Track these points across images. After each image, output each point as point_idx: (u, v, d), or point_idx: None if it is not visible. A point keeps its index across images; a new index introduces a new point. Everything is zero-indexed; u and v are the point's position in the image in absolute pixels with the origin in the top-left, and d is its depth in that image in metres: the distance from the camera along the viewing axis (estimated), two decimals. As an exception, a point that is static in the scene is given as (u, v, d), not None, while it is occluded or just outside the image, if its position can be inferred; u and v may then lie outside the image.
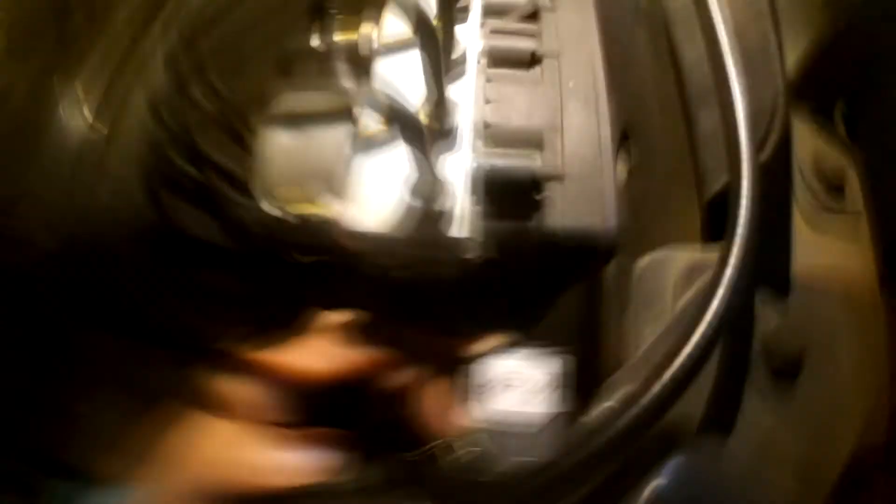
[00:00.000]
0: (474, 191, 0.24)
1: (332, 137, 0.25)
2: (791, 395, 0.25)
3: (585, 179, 0.24)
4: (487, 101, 0.25)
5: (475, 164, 0.24)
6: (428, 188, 0.23)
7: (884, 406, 0.29)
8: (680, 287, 0.23)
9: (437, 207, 0.24)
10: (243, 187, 0.28)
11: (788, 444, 0.25)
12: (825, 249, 0.29)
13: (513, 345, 0.28)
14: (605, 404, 0.21)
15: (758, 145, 0.21)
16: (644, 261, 0.24)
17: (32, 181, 0.28)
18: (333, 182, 0.25)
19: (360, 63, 0.27)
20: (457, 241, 0.24)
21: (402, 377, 0.27)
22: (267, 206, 0.26)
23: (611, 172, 0.25)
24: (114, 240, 0.29)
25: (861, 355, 0.28)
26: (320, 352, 0.27)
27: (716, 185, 0.26)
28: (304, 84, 0.27)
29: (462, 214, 0.24)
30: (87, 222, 0.28)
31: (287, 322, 0.29)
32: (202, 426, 0.25)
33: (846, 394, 0.27)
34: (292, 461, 0.25)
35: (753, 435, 0.24)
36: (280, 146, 0.26)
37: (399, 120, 0.23)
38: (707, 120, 0.28)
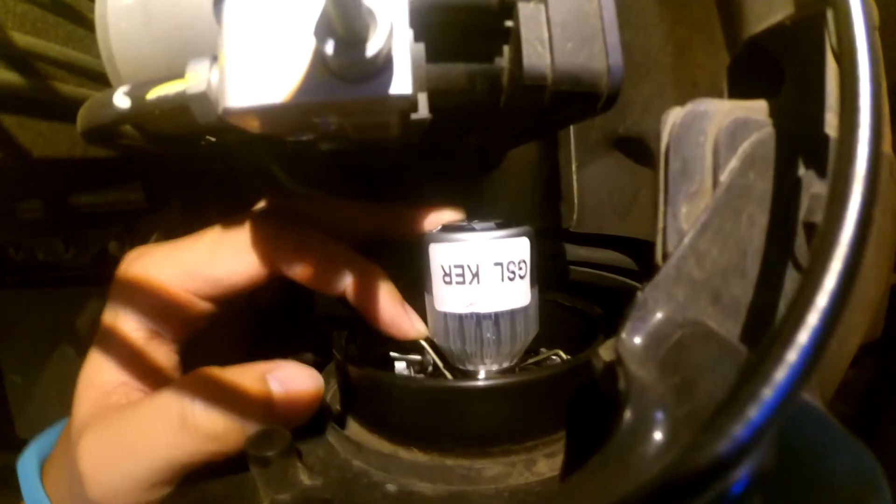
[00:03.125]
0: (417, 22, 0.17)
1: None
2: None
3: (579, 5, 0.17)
4: None
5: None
6: (347, 19, 0.15)
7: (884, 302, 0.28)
8: (723, 150, 0.16)
9: (362, 50, 0.16)
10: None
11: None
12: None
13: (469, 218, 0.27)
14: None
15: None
16: (675, 114, 0.17)
17: None
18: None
19: None
20: (394, 97, 0.16)
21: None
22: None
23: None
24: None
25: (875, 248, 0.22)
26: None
27: (757, 22, 0.19)
28: None
29: (400, 56, 0.16)
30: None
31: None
32: None
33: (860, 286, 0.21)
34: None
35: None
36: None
37: None
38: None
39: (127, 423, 0.23)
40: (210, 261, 0.26)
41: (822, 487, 0.12)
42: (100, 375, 0.25)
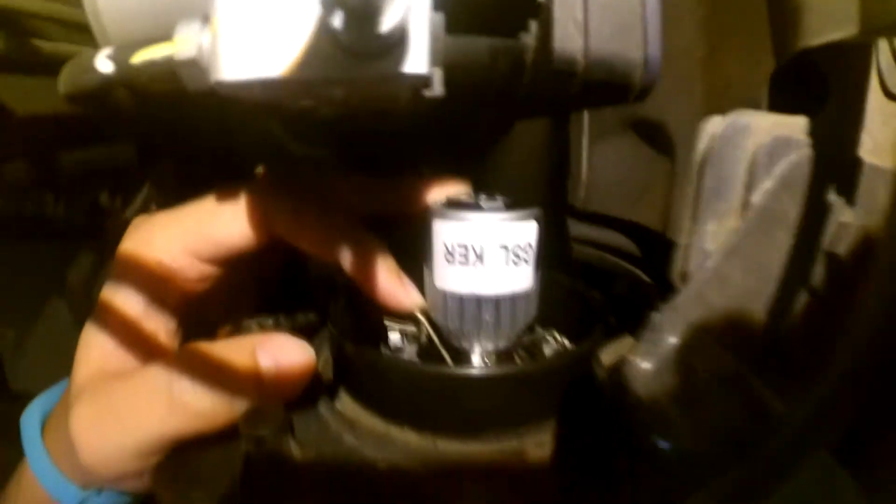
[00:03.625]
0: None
1: None
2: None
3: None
4: None
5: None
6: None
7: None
8: (760, 170, 0.15)
9: (375, 24, 0.14)
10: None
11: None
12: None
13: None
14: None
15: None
16: (714, 125, 0.15)
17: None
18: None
19: None
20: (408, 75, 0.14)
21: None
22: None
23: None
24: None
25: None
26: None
27: (814, 36, 0.17)
28: None
29: (418, 30, 0.14)
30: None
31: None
32: None
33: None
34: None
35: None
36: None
37: None
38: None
39: (118, 395, 0.23)
40: (210, 223, 0.26)
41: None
42: (99, 340, 0.25)
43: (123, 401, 0.23)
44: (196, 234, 0.26)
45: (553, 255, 0.31)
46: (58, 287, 0.47)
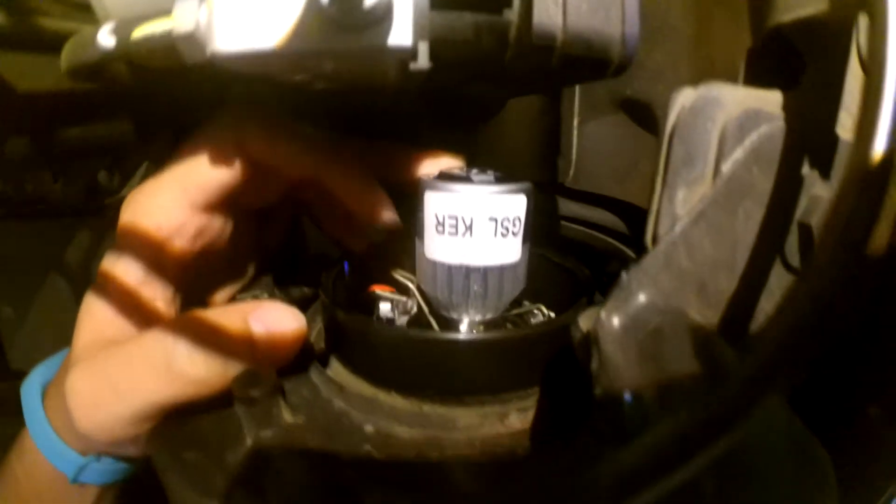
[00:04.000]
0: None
1: None
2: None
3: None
4: None
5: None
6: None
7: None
8: (729, 140, 0.16)
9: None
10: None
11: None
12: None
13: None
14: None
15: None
16: (686, 97, 0.16)
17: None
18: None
19: None
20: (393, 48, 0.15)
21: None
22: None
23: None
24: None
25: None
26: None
27: (786, 12, 0.18)
28: None
29: (402, 4, 0.15)
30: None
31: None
32: None
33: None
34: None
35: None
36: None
37: None
38: None
39: (113, 362, 0.23)
40: (194, 168, 0.26)
41: (769, 474, 0.13)
42: (99, 308, 0.26)
43: (118, 367, 0.23)
44: (184, 183, 0.26)
45: (543, 232, 0.32)
46: (57, 265, 0.47)
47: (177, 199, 0.26)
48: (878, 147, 0.12)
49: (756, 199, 0.16)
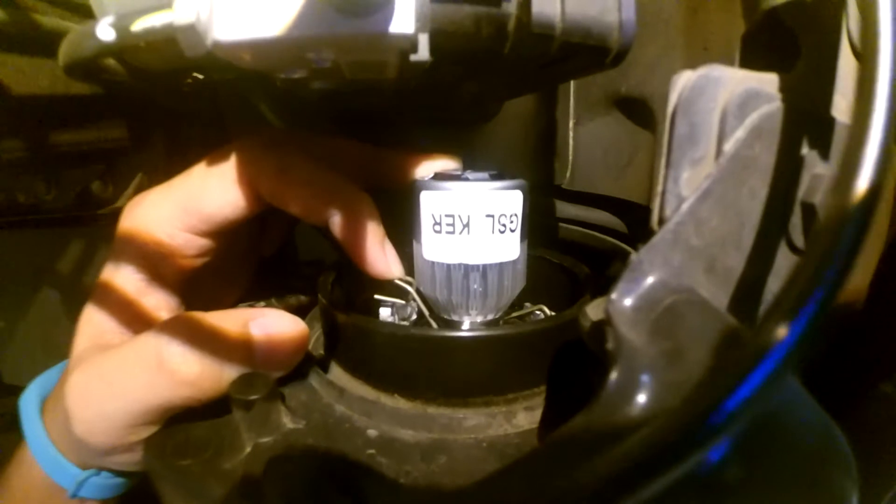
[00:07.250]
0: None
1: None
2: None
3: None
4: None
5: None
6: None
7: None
8: (731, 119, 0.16)
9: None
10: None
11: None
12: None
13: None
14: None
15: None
16: (687, 77, 0.16)
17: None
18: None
19: None
20: (394, 35, 0.15)
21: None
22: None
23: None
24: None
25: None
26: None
27: None
28: None
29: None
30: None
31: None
32: None
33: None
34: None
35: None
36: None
37: None
38: None
39: (108, 363, 0.23)
40: (200, 195, 0.26)
41: (788, 455, 0.13)
42: (98, 315, 0.26)
43: (112, 368, 0.23)
44: (188, 210, 0.26)
45: (541, 233, 0.32)
46: (50, 276, 0.46)
47: (180, 223, 0.26)
48: (875, 136, 0.12)
49: (760, 177, 0.16)
